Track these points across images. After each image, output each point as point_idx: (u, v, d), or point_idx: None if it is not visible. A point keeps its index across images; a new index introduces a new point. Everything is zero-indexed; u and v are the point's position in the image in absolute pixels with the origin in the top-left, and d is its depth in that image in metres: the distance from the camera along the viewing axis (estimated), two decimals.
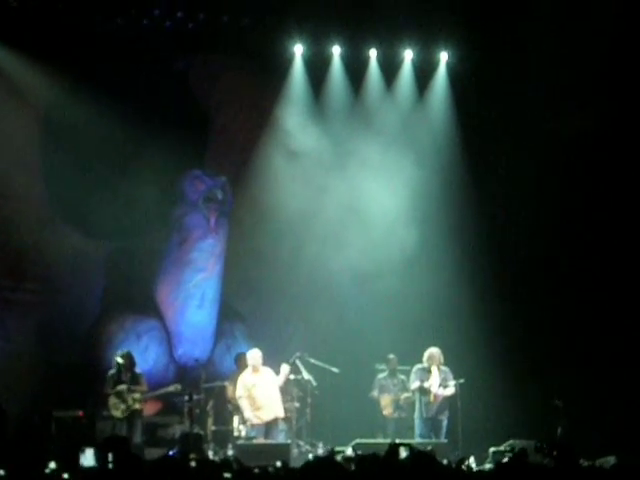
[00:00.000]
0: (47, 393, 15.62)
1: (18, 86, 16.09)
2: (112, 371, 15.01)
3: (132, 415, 14.84)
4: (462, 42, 17.63)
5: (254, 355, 15.22)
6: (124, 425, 14.74)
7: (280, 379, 15.19)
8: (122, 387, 14.86)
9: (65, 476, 9.47)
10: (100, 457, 7.72)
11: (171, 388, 15.59)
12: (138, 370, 15.13)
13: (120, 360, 15.06)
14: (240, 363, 15.82)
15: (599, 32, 16.32)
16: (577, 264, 17.24)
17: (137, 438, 14.64)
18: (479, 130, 17.67)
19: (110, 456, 7.49)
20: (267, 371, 15.24)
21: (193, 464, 6.51)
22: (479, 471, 9.04)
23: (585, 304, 17.10)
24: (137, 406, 14.87)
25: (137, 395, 14.90)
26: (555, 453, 8.42)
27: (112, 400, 14.82)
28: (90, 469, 8.88)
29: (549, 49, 16.65)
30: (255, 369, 15.14)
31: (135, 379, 15.01)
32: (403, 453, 8.08)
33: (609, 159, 17.15)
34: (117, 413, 14.82)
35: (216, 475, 5.66)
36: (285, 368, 15.24)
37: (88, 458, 11.76)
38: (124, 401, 14.83)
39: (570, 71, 16.53)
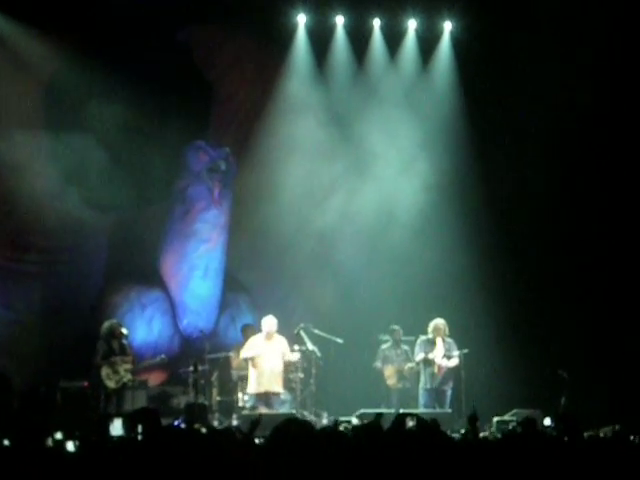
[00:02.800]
0: (52, 364, 15.67)
1: (21, 56, 16.02)
2: (100, 341, 14.95)
3: (123, 386, 14.86)
4: (466, 11, 17.54)
5: (269, 322, 15.16)
6: (115, 396, 14.74)
7: (290, 358, 15.14)
8: (115, 358, 14.84)
9: (69, 447, 9.51)
10: (129, 427, 7.71)
11: (157, 359, 15.68)
12: (125, 341, 15.10)
13: (124, 331, 15.07)
14: (246, 334, 15.82)
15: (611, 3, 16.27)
16: (586, 235, 17.21)
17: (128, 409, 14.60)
18: (483, 100, 17.58)
19: (140, 427, 7.49)
20: (280, 341, 15.19)
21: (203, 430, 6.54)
22: (487, 440, 9.04)
23: (590, 275, 17.11)
24: (128, 377, 14.87)
25: (128, 366, 14.89)
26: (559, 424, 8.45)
27: (105, 370, 14.75)
28: (118, 439, 8.91)
29: (555, 18, 16.55)
30: (269, 336, 15.09)
31: (123, 349, 15.00)
32: (410, 423, 8.09)
33: (617, 132, 17.09)
34: (110, 384, 14.75)
35: (223, 443, 5.69)
36: (297, 355, 15.23)
37: (117, 428, 11.84)
38: (116, 372, 14.82)
39: (577, 40, 16.43)
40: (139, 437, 7.47)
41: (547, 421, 14.02)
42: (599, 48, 16.49)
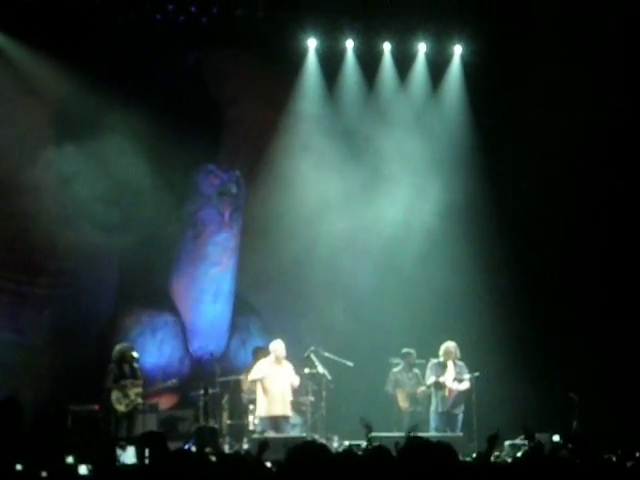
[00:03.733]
0: (63, 387, 15.66)
1: (32, 81, 16.12)
2: (112, 365, 14.95)
3: (134, 410, 14.85)
4: (476, 35, 17.58)
5: (278, 346, 15.15)
6: (125, 420, 14.73)
7: (295, 382, 15.12)
8: (126, 382, 14.85)
9: (82, 470, 9.51)
10: (139, 454, 7.70)
11: (168, 383, 15.67)
12: (136, 365, 15.11)
13: (135, 354, 15.07)
14: (257, 357, 15.80)
15: (615, 22, 16.27)
16: (595, 258, 17.19)
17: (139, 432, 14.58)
18: (493, 123, 17.62)
19: (147, 451, 7.49)
20: (288, 366, 15.20)
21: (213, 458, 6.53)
22: (497, 464, 9.01)
23: (602, 298, 17.06)
24: (139, 400, 14.86)
25: (138, 390, 14.89)
26: (570, 445, 8.41)
27: (115, 394, 14.75)
28: (128, 466, 8.92)
29: (563, 41, 16.58)
30: (278, 360, 15.08)
31: (134, 373, 15.00)
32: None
33: (628, 149, 17.09)
34: (121, 407, 14.75)
35: (234, 468, 5.68)
36: (297, 380, 15.20)
37: (129, 455, 11.81)
38: (126, 396, 14.81)
39: (585, 63, 16.46)
40: (146, 461, 7.47)
41: (556, 437, 13.94)
42: (611, 71, 16.52)
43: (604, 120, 16.69)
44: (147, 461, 7.37)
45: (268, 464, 8.21)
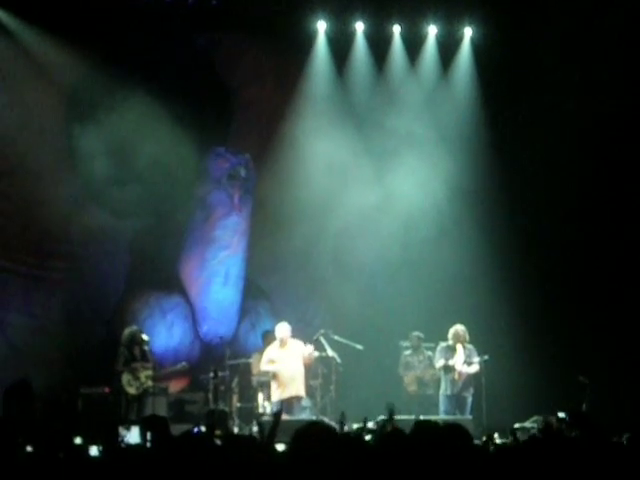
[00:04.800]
0: (73, 370, 15.74)
1: (43, 65, 16.11)
2: (122, 348, 15.02)
3: (145, 392, 14.91)
4: (486, 18, 17.55)
5: (283, 328, 15.17)
6: (135, 403, 14.79)
7: (305, 352, 15.12)
8: (136, 364, 14.90)
9: (93, 452, 9.55)
10: (143, 436, 7.78)
11: (178, 366, 15.71)
12: (146, 347, 15.16)
13: (145, 337, 15.13)
14: (267, 340, 15.83)
15: (633, 8, 16.20)
16: (606, 241, 17.16)
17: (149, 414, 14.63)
18: (503, 106, 17.58)
19: (149, 435, 7.54)
20: (295, 344, 15.17)
21: (218, 442, 6.54)
22: (504, 446, 9.02)
23: (613, 281, 17.04)
24: (149, 383, 14.91)
25: (149, 372, 14.94)
26: (578, 425, 8.41)
27: (126, 377, 14.82)
28: (132, 446, 8.97)
29: (576, 25, 16.51)
30: (283, 343, 15.11)
31: (144, 356, 15.05)
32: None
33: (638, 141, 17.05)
34: (132, 390, 14.82)
35: (243, 450, 5.69)
36: (310, 348, 15.21)
37: (134, 436, 11.85)
38: (137, 378, 14.86)
39: (598, 47, 16.39)
40: (148, 444, 7.51)
41: (561, 414, 13.90)
42: (622, 54, 16.45)
43: (617, 104, 16.61)
44: (149, 445, 7.42)
45: (279, 447, 8.22)
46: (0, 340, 15.88)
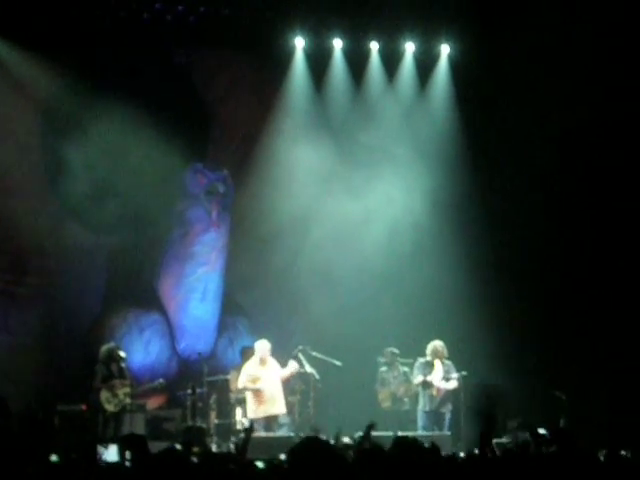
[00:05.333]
0: (50, 387, 15.63)
1: (19, 79, 16.07)
2: (99, 365, 14.95)
3: (122, 410, 14.83)
4: (463, 34, 17.65)
5: (262, 346, 15.14)
6: (113, 420, 14.70)
7: (285, 373, 15.13)
8: (114, 381, 14.83)
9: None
10: (121, 454, 7.75)
11: (155, 383, 15.61)
12: (124, 364, 15.09)
13: (122, 354, 15.06)
14: (246, 357, 15.78)
15: (602, 24, 16.31)
16: (586, 253, 17.23)
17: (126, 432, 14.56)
18: (481, 123, 17.67)
19: (128, 454, 7.50)
20: (273, 363, 15.18)
21: (195, 459, 6.52)
22: (473, 459, 9.00)
23: (591, 297, 17.09)
24: (127, 400, 14.84)
25: (127, 389, 14.87)
26: (558, 441, 8.41)
27: (104, 394, 14.75)
28: (111, 465, 8.93)
29: (551, 42, 16.61)
30: (262, 361, 15.08)
31: (122, 373, 14.98)
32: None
33: (613, 152, 17.13)
34: (110, 407, 14.75)
35: (220, 468, 5.67)
36: (293, 365, 15.17)
37: (112, 454, 11.77)
38: (115, 395, 14.80)
39: (573, 61, 16.50)
40: (127, 463, 7.48)
41: (542, 430, 13.92)
42: (598, 70, 16.56)
43: (592, 118, 16.71)
44: (128, 464, 7.38)
45: (259, 464, 8.20)
46: None
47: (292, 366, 15.14)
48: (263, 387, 14.90)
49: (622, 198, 17.21)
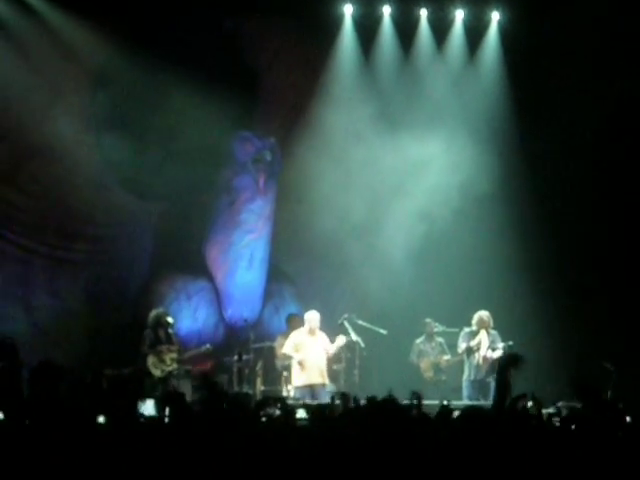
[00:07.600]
0: (97, 352, 15.77)
1: (70, 47, 16.10)
2: (148, 330, 15.08)
3: (169, 375, 14.96)
4: (514, 1, 17.42)
5: (313, 317, 15.14)
6: (160, 385, 14.81)
7: (333, 348, 15.15)
8: (162, 347, 14.95)
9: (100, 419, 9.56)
10: (159, 409, 7.85)
11: (202, 349, 15.68)
12: (171, 330, 15.19)
13: (170, 320, 15.17)
14: (291, 324, 15.85)
15: None
16: (630, 226, 17.07)
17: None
18: (531, 91, 17.47)
19: (167, 410, 7.59)
20: (322, 336, 15.20)
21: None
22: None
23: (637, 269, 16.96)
24: (174, 366, 14.96)
25: (174, 355, 15.00)
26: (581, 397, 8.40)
27: (152, 359, 14.89)
28: (149, 419, 9.04)
29: (604, 8, 16.35)
30: (312, 331, 15.10)
31: (169, 338, 15.09)
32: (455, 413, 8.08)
33: None
34: (157, 372, 14.90)
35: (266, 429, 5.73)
36: (341, 339, 15.19)
37: (149, 407, 11.88)
38: (162, 361, 14.92)
39: (628, 29, 16.24)
40: (166, 419, 7.56)
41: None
42: None
43: None
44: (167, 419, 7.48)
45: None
46: (25, 321, 15.94)
47: (340, 340, 15.16)
48: (306, 356, 14.95)
49: None
